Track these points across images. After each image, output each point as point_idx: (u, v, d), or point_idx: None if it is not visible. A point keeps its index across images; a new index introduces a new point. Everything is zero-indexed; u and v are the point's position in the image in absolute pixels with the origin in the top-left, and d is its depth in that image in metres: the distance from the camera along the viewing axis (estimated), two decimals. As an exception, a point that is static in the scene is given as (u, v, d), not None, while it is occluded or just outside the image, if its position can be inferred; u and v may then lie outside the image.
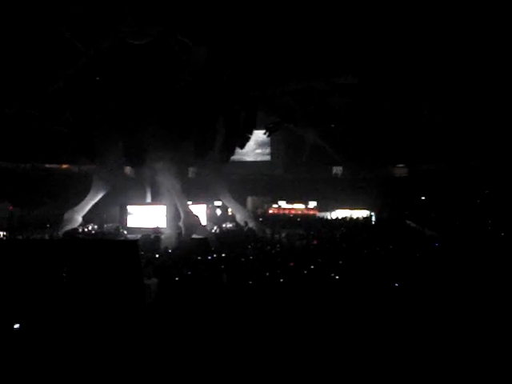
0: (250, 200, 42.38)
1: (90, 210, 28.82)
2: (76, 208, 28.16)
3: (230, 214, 35.85)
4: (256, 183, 46.71)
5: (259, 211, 41.17)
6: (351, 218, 37.62)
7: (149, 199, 31.45)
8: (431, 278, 12.88)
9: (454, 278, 12.71)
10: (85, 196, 28.57)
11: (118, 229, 28.75)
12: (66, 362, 6.63)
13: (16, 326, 6.90)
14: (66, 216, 27.76)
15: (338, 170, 50.65)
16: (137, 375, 6.79)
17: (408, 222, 31.79)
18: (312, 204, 43.93)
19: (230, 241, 24.02)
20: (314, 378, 7.12)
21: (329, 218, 39.20)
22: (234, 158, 31.92)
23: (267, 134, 31.99)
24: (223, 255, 17.97)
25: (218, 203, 36.97)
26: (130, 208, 30.16)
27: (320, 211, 42.00)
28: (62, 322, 7.04)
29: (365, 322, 9.16)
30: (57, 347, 6.79)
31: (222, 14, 20.75)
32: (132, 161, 27.30)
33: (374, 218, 37.31)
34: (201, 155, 27.38)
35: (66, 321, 7.07)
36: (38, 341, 6.86)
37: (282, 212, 42.97)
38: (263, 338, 8.27)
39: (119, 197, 30.74)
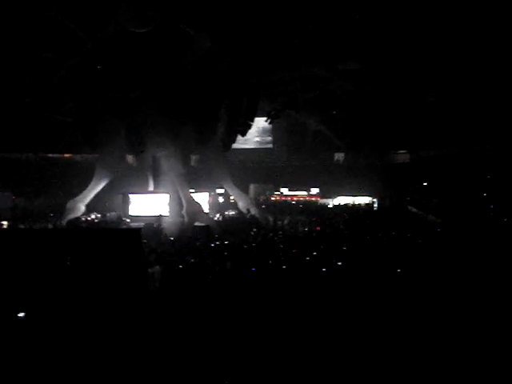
0: (252, 187, 42.40)
1: (92, 199, 28.88)
2: (79, 197, 28.19)
3: (232, 201, 35.88)
4: (258, 170, 46.76)
5: (261, 198, 41.20)
6: (353, 205, 37.65)
7: (151, 187, 31.49)
8: (434, 264, 12.92)
9: (456, 263, 12.75)
10: (87, 185, 28.62)
11: (120, 217, 28.80)
12: (70, 350, 6.69)
13: (21, 314, 6.96)
14: (68, 205, 27.80)
15: (340, 156, 50.55)
16: (140, 364, 6.85)
17: (410, 207, 31.82)
18: (314, 191, 43.98)
19: (233, 228, 24.10)
20: (317, 365, 7.17)
21: (331, 204, 39.21)
22: (236, 145, 31.87)
23: (269, 121, 31.95)
24: (226, 242, 18.03)
25: (220, 191, 37.02)
26: (132, 196, 30.17)
27: (322, 198, 42.04)
28: (66, 311, 7.10)
29: (367, 308, 9.21)
30: (61, 335, 6.85)
31: (223, 1, 20.66)
32: (134, 149, 27.28)
33: (376, 205, 37.33)
34: (202, 142, 27.38)
35: (70, 309, 7.13)
36: (42, 329, 6.92)
37: (284, 199, 43.02)
38: (266, 326, 8.32)
39: (122, 185, 30.80)
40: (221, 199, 37.75)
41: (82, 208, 28.08)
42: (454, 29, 22.54)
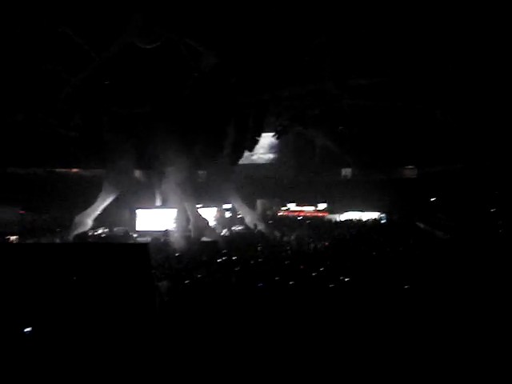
0: (259, 203, 42.36)
1: (100, 214, 28.95)
2: (86, 212, 28.28)
3: (239, 216, 35.84)
4: (265, 186, 46.70)
5: (269, 214, 41.12)
6: (361, 220, 37.54)
7: (158, 202, 31.54)
8: (442, 280, 12.84)
9: (464, 279, 12.66)
10: (95, 200, 28.70)
11: (127, 232, 28.84)
12: (78, 363, 6.68)
13: (27, 329, 6.95)
14: (76, 220, 27.90)
15: (347, 171, 50.50)
16: (147, 378, 6.83)
17: (418, 223, 31.67)
18: (321, 206, 43.85)
19: (240, 244, 24.05)
20: (323, 378, 7.13)
21: (338, 220, 39.08)
22: (243, 160, 31.93)
23: (276, 136, 32.01)
24: (234, 258, 17.99)
25: (227, 206, 37.01)
26: (139, 211, 30.25)
27: (330, 213, 41.90)
28: (73, 326, 7.09)
29: (375, 324, 9.15)
30: (68, 349, 6.83)
31: (231, 17, 20.79)
32: (142, 164, 27.41)
33: (383, 220, 37.20)
34: (210, 158, 27.45)
35: (77, 324, 7.12)
36: (48, 344, 6.90)
37: (291, 214, 42.92)
38: (273, 342, 8.28)
39: (129, 200, 30.88)
40: (228, 214, 37.72)
41: (90, 223, 28.15)
42: (463, 45, 22.58)
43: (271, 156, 54.19)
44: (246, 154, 29.48)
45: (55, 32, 20.59)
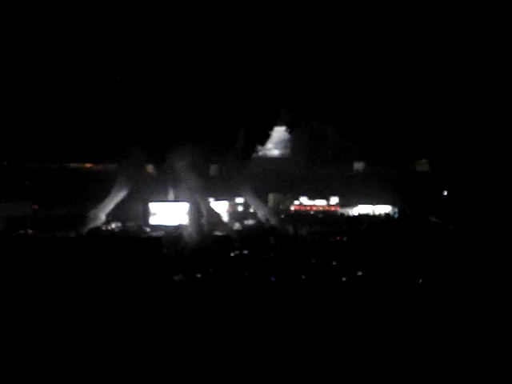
0: (271, 197, 42.26)
1: (113, 208, 29.08)
2: (100, 206, 28.45)
3: (251, 210, 35.81)
4: (277, 180, 46.54)
5: (281, 208, 41.03)
6: (373, 214, 37.40)
7: (171, 197, 31.61)
8: (454, 274, 12.81)
9: (477, 273, 12.62)
10: (108, 194, 28.83)
11: (141, 226, 28.97)
12: (91, 355, 6.76)
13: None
14: (90, 214, 28.07)
15: (359, 165, 50.18)
16: (160, 369, 6.90)
17: (430, 217, 31.51)
18: (334, 200, 43.65)
19: (252, 237, 24.09)
20: (335, 375, 7.16)
21: (351, 214, 38.97)
22: (256, 154, 31.89)
23: (288, 130, 31.96)
24: (245, 252, 18.06)
25: (239, 200, 36.98)
26: (152, 206, 30.35)
27: (342, 207, 41.74)
28: (88, 319, 7.17)
29: (388, 319, 9.16)
30: (82, 340, 6.92)
31: (242, 12, 20.80)
32: (154, 159, 27.47)
33: (396, 214, 37.03)
34: (222, 152, 27.48)
35: (91, 317, 7.20)
36: (60, 335, 6.99)
37: (303, 208, 42.78)
38: (285, 335, 8.32)
39: (142, 194, 30.97)
40: (240, 208, 37.69)
41: (103, 217, 28.32)
42: (471, 37, 22.42)
43: (278, 151, 53.94)
44: (258, 147, 29.44)
45: (69, 28, 20.73)
